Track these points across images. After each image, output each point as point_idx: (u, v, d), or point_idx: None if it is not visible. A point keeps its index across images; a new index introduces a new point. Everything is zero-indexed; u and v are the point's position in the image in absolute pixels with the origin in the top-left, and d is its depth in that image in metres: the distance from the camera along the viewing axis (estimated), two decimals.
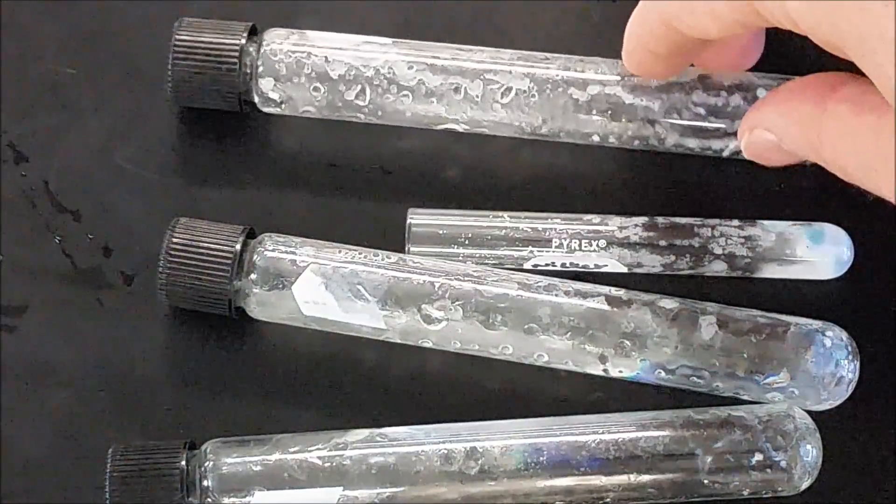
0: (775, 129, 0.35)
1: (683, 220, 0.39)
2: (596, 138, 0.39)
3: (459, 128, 0.39)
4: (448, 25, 0.43)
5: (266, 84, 0.39)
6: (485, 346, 0.37)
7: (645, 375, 0.37)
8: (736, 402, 0.37)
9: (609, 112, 0.38)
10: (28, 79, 0.42)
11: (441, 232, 0.39)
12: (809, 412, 0.37)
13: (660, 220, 0.39)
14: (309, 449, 0.36)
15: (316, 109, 0.40)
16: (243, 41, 0.39)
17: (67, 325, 0.40)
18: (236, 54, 0.39)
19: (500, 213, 0.39)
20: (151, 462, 0.36)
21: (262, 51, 0.39)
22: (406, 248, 0.39)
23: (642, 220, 0.39)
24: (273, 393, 0.39)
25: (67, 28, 0.43)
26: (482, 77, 0.39)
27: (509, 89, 0.38)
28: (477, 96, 0.39)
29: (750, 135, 0.36)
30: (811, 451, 0.36)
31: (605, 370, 0.37)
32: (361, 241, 0.39)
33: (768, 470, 0.36)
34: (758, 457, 0.36)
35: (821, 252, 0.39)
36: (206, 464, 0.36)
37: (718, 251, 0.38)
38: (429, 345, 0.38)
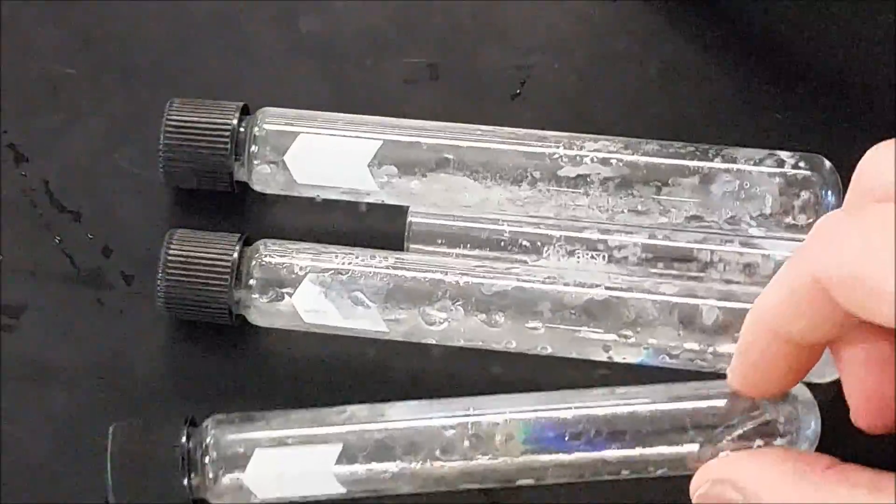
0: (746, 491, 0.32)
1: (684, 240, 0.39)
2: None
3: None
4: (448, 25, 0.43)
5: (260, 168, 0.39)
6: (488, 342, 0.37)
7: (649, 361, 0.37)
8: None
9: None
10: (28, 79, 0.42)
11: (441, 231, 0.39)
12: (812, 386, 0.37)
13: (659, 238, 0.39)
14: (312, 422, 0.36)
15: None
16: (234, 123, 0.39)
17: (67, 325, 0.40)
18: (227, 137, 0.39)
19: (500, 217, 0.39)
20: (152, 439, 0.36)
21: (253, 132, 0.39)
22: (405, 247, 0.39)
23: (642, 239, 0.38)
24: (273, 393, 0.39)
25: (67, 28, 0.43)
26: None
27: None
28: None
29: (709, 487, 0.33)
30: (811, 423, 0.36)
31: (609, 358, 0.37)
32: (359, 243, 0.39)
33: (770, 439, 0.35)
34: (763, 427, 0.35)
35: None
36: (207, 440, 0.36)
37: (716, 276, 0.38)
38: (432, 342, 0.38)
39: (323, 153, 0.39)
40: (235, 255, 0.37)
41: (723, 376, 0.36)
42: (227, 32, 0.43)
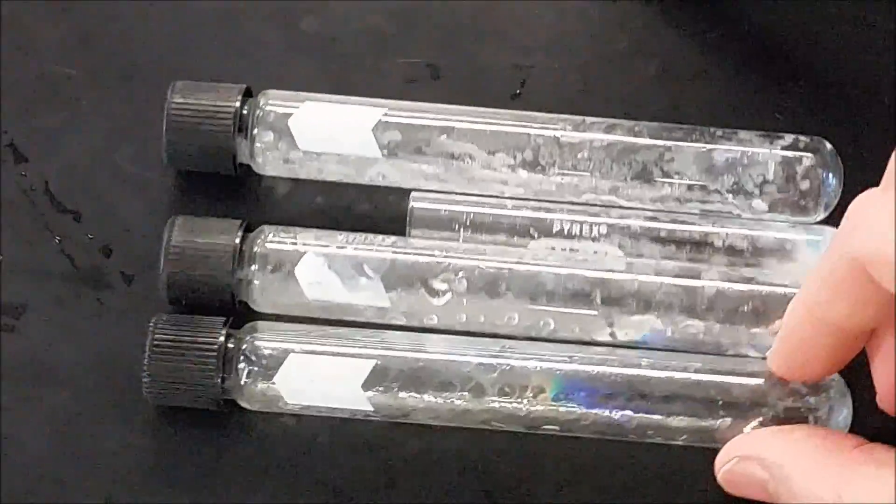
0: (772, 468, 0.32)
1: (687, 218, 0.39)
2: None
3: None
4: (448, 25, 0.43)
5: (262, 146, 0.39)
6: (491, 318, 0.37)
7: (653, 337, 0.37)
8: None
9: None
10: (28, 79, 0.42)
11: (443, 215, 0.39)
12: None
13: (662, 217, 0.39)
14: (349, 337, 0.37)
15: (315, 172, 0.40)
16: (237, 104, 0.39)
17: (67, 325, 0.40)
18: (230, 120, 0.39)
19: (503, 199, 0.39)
20: (191, 336, 0.37)
21: (257, 114, 0.39)
22: (407, 231, 0.39)
23: (644, 222, 0.39)
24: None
25: (67, 28, 0.43)
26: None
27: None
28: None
29: (735, 464, 0.34)
30: (843, 411, 0.36)
31: (612, 334, 0.37)
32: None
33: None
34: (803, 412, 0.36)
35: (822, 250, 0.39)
36: (244, 342, 0.37)
37: (719, 244, 0.39)
38: (434, 322, 0.38)
39: (327, 118, 0.39)
40: (237, 238, 0.38)
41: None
42: (227, 32, 0.43)
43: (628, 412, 0.36)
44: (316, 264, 0.37)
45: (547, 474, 0.39)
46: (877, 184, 0.31)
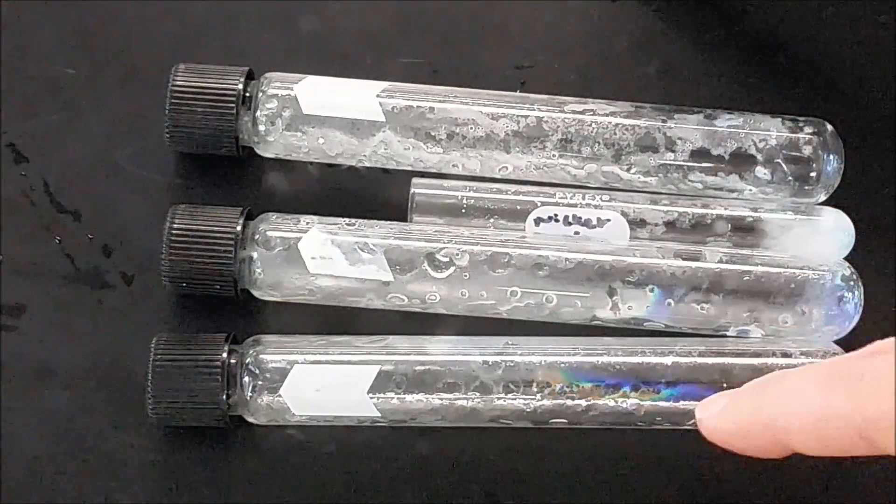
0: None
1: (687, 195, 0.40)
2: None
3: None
4: (448, 25, 0.43)
5: (266, 115, 0.39)
6: (493, 293, 0.37)
7: (655, 310, 0.37)
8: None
9: None
10: (28, 79, 0.42)
11: (445, 201, 0.39)
12: None
13: (664, 194, 0.40)
14: (351, 346, 0.37)
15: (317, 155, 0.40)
16: (240, 86, 0.39)
17: (67, 325, 0.40)
18: (234, 98, 0.39)
19: (504, 184, 0.40)
20: (193, 354, 0.37)
21: (259, 94, 0.39)
22: (409, 218, 0.39)
23: (648, 187, 0.39)
24: None
25: (67, 28, 0.43)
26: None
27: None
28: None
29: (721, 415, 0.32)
30: None
31: (614, 306, 0.37)
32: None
33: None
34: None
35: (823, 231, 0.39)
36: (247, 357, 0.37)
37: (721, 221, 0.39)
38: (436, 300, 0.38)
39: (333, 85, 0.40)
40: (239, 226, 0.38)
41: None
42: (227, 32, 0.43)
43: (635, 400, 0.36)
44: (319, 239, 0.37)
45: (550, 471, 0.39)
46: (874, 177, 0.31)
